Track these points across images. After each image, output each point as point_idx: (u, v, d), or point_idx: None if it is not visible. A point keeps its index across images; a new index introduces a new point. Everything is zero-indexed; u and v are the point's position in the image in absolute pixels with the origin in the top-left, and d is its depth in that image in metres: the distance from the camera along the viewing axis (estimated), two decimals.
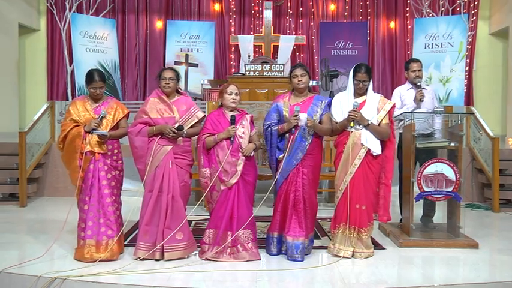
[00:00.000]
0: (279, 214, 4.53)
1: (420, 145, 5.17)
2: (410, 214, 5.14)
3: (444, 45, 9.95)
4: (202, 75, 10.30)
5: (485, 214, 6.89)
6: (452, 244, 5.01)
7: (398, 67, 11.03)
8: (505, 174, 7.42)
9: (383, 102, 4.64)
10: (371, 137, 4.52)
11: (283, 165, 4.46)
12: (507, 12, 10.28)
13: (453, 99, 9.67)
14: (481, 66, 10.96)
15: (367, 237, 4.59)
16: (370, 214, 4.60)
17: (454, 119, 5.63)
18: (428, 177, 5.02)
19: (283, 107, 4.56)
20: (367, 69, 4.63)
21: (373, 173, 4.54)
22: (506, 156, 7.57)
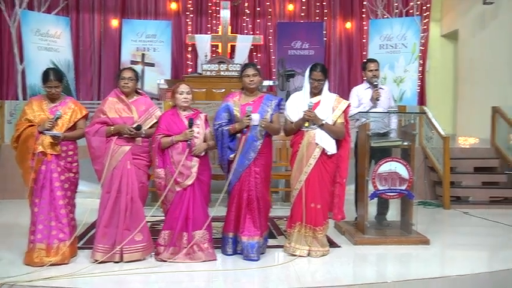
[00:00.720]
0: (233, 214, 4.53)
1: (375, 144, 5.25)
2: (365, 212, 5.23)
3: (398, 46, 10.18)
4: (158, 75, 10.22)
5: (436, 211, 7.08)
6: (405, 241, 5.11)
7: (354, 67, 11.21)
8: (455, 172, 7.63)
9: (338, 102, 4.69)
10: (326, 136, 4.56)
11: (235, 165, 4.46)
12: (457, 15, 10.61)
13: (407, 99, 9.90)
14: (434, 67, 11.27)
15: (322, 235, 4.63)
16: (326, 213, 4.65)
17: (407, 119, 5.75)
18: (383, 176, 5.10)
19: (233, 107, 4.55)
20: (323, 68, 4.67)
21: (328, 172, 4.59)
22: (456, 154, 7.79)
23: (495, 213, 6.75)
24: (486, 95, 9.13)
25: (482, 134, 8.67)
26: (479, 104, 9.16)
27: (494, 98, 8.66)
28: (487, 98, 8.92)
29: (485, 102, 8.63)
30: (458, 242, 5.54)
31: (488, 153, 8.10)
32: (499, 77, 8.81)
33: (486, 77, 9.29)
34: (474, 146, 8.83)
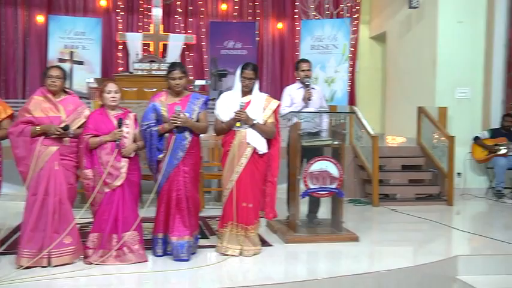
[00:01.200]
0: (162, 214, 4.48)
1: (306, 143, 5.32)
2: (296, 211, 5.29)
3: (329, 47, 10.42)
4: (88, 73, 9.97)
5: (366, 209, 7.28)
6: (335, 238, 5.22)
7: (287, 67, 11.34)
8: (383, 170, 7.87)
9: (268, 102, 4.73)
10: (257, 136, 4.59)
11: (164, 165, 4.41)
12: (385, 18, 10.91)
13: (337, 99, 10.14)
14: (363, 68, 11.55)
15: (254, 234, 4.66)
16: (257, 212, 4.68)
17: (337, 118, 5.87)
18: (314, 175, 5.18)
19: (160, 107, 4.50)
20: (254, 67, 4.70)
21: (259, 172, 4.62)
22: (385, 153, 8.04)
23: (420, 210, 7.01)
24: (412, 95, 9.44)
25: (409, 134, 8.97)
26: (406, 104, 9.45)
27: (420, 99, 8.96)
28: (414, 98, 9.21)
29: (412, 103, 8.93)
30: (386, 238, 5.73)
31: (414, 151, 8.40)
32: (425, 78, 9.13)
33: (412, 78, 9.59)
34: (402, 145, 9.14)
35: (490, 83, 8.74)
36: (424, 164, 8.21)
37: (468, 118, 8.73)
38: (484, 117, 8.81)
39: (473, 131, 8.54)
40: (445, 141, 7.76)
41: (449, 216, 7.03)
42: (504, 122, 8.38)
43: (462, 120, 8.63)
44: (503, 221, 6.95)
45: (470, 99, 8.81)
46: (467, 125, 8.62)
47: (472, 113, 8.80)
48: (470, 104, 8.81)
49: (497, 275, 4.74)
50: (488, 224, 6.86)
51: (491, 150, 8.19)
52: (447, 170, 7.67)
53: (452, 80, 8.73)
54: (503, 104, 8.77)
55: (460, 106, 8.71)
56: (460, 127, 8.45)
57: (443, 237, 5.81)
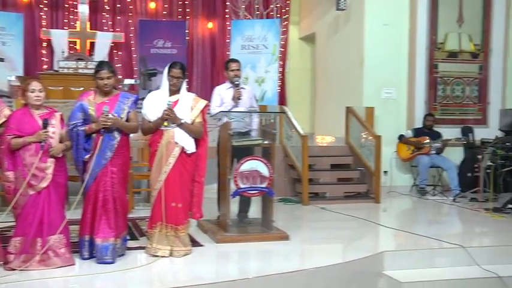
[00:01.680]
0: (88, 216, 4.37)
1: (236, 143, 5.33)
2: (227, 210, 5.30)
3: (259, 47, 10.48)
4: (9, 71, 9.52)
5: (296, 207, 7.38)
6: (266, 237, 5.26)
7: (217, 67, 11.31)
8: (313, 169, 8.01)
9: (196, 101, 4.73)
10: (185, 135, 4.58)
11: (92, 165, 4.32)
12: (314, 19, 11.10)
13: (267, 99, 10.22)
14: (293, 69, 11.70)
15: (184, 234, 4.63)
16: (187, 212, 4.66)
17: (267, 118, 5.93)
18: (244, 174, 5.20)
19: (88, 106, 4.40)
20: (182, 66, 4.69)
21: (188, 171, 4.61)
22: (314, 152, 8.17)
23: (349, 207, 7.19)
24: (341, 95, 9.63)
25: (338, 133, 9.17)
26: (335, 105, 9.64)
27: (348, 99, 9.17)
28: (342, 98, 9.40)
29: (340, 103, 9.13)
30: (316, 236, 5.84)
31: (343, 151, 8.60)
32: (352, 79, 9.35)
33: (340, 79, 9.80)
34: (331, 144, 9.33)
35: (413, 84, 9.07)
36: (352, 163, 8.42)
37: (394, 118, 9.02)
38: (409, 117, 9.13)
39: (399, 130, 8.84)
40: (372, 141, 7.99)
41: (377, 213, 7.25)
42: (426, 121, 8.75)
43: (388, 120, 8.91)
44: (426, 217, 7.25)
45: (396, 100, 9.11)
46: (393, 125, 8.91)
47: (397, 112, 9.09)
48: (396, 104, 9.11)
49: (421, 269, 4.93)
50: (412, 220, 7.14)
51: (416, 146, 8.51)
52: (374, 169, 7.90)
53: (378, 81, 8.99)
54: (425, 104, 9.13)
55: (386, 106, 8.99)
56: (386, 127, 8.71)
57: (371, 234, 5.99)
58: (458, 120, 9.29)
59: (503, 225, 6.31)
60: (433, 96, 9.20)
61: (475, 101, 9.37)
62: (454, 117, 9.31)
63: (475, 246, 5.30)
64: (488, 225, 6.49)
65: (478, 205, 7.36)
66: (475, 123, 9.28)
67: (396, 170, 8.98)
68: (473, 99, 9.36)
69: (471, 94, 9.34)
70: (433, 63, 9.16)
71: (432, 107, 9.17)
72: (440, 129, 8.82)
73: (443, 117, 9.22)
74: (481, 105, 9.39)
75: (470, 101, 9.35)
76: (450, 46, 9.23)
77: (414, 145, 8.56)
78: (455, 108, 9.31)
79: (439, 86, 9.22)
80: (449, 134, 8.71)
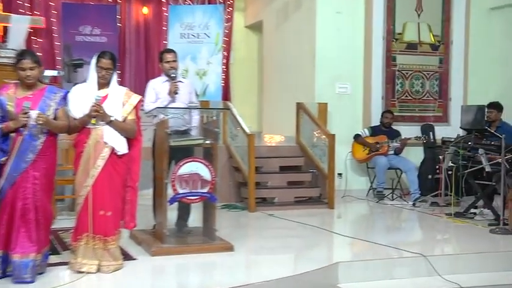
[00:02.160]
0: (3, 228, 4.19)
1: (174, 143, 5.29)
2: (163, 219, 5.24)
3: (201, 35, 10.40)
4: None
5: (241, 214, 7.38)
6: (208, 248, 5.23)
7: (153, 58, 11.13)
8: (260, 172, 8.02)
9: (128, 96, 4.65)
10: (115, 134, 4.49)
11: (8, 169, 4.17)
12: (261, 5, 11.13)
13: (210, 94, 10.16)
14: (238, 60, 11.69)
15: (114, 247, 4.54)
16: (118, 221, 4.57)
17: (209, 115, 5.91)
18: (183, 178, 5.16)
19: (7, 102, 4.25)
20: (112, 56, 4.61)
21: (119, 175, 4.53)
22: (262, 153, 8.19)
23: (300, 214, 7.25)
24: (291, 90, 9.70)
25: (288, 132, 9.23)
26: (285, 100, 9.71)
27: (299, 94, 9.24)
28: (292, 93, 9.48)
29: (291, 98, 9.20)
30: (263, 246, 5.85)
31: (293, 151, 8.66)
32: (304, 71, 9.42)
33: (291, 72, 9.86)
34: (280, 144, 9.39)
35: (369, 78, 9.24)
36: (303, 165, 8.48)
37: (349, 115, 9.16)
38: (365, 114, 9.28)
39: (354, 129, 8.98)
40: (325, 140, 8.07)
41: (331, 220, 7.35)
42: (384, 118, 8.91)
43: (343, 117, 9.04)
44: (384, 223, 7.39)
45: (351, 95, 9.24)
46: (348, 122, 9.05)
47: (352, 109, 9.23)
48: (351, 100, 9.24)
49: (378, 281, 5.01)
50: (369, 227, 7.26)
51: (372, 149, 8.65)
52: (327, 171, 7.98)
53: (332, 74, 9.10)
54: (383, 100, 9.32)
55: (340, 102, 9.10)
56: (340, 124, 8.84)
57: (324, 242, 6.05)
58: (417, 118, 9.53)
59: (466, 231, 6.49)
60: (391, 91, 9.40)
61: (436, 97, 9.64)
62: (414, 114, 9.54)
63: (436, 255, 5.43)
64: (450, 231, 6.66)
65: (439, 210, 7.55)
66: (435, 121, 9.54)
67: (351, 172, 9.12)
68: (434, 94, 9.63)
69: (431, 89, 9.60)
70: (390, 55, 9.36)
71: (390, 103, 9.36)
72: (399, 128, 9.02)
73: (402, 114, 9.44)
74: (442, 102, 9.67)
75: (430, 96, 9.61)
76: (409, 37, 9.46)
77: (371, 145, 8.71)
78: (414, 105, 9.55)
79: (397, 80, 9.43)
80: (408, 132, 8.88)
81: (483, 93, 9.36)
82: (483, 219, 6.99)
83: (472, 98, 9.54)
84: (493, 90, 9.53)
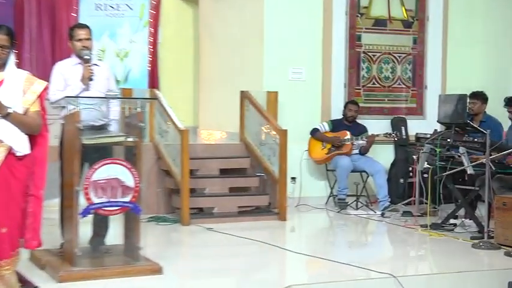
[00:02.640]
0: None
1: (87, 141, 5.22)
2: (74, 235, 5.15)
3: (121, 7, 10.33)
4: None
5: (173, 228, 7.35)
6: (131, 271, 5.17)
7: (60, 34, 10.92)
8: (196, 176, 8.00)
9: (30, 82, 4.55)
10: (13, 130, 4.38)
11: None
12: None
13: (134, 80, 10.13)
14: (169, 38, 11.52)
15: (10, 272, 4.41)
16: (15, 240, 4.45)
17: (133, 107, 5.82)
18: (99, 185, 5.11)
19: None
20: (8, 31, 4.49)
21: (19, 181, 4.42)
22: (198, 153, 8.18)
23: (246, 227, 7.30)
24: (234, 76, 9.72)
25: (230, 127, 9.24)
26: (226, 88, 9.74)
27: (245, 81, 9.26)
28: (236, 80, 9.51)
29: (233, 86, 9.24)
30: (199, 268, 5.79)
31: (237, 150, 8.69)
32: (250, 53, 9.44)
33: (234, 53, 9.85)
34: (220, 142, 9.45)
35: (329, 61, 9.33)
36: (249, 167, 8.51)
37: (304, 106, 9.22)
38: (324, 105, 9.36)
39: (311, 123, 9.03)
40: (276, 137, 8.09)
41: (283, 234, 7.40)
42: (347, 111, 8.98)
43: (297, 109, 9.10)
44: (347, 237, 7.48)
45: (307, 82, 9.30)
46: (303, 115, 9.12)
47: (309, 99, 9.28)
48: (307, 88, 9.29)
49: None
50: (329, 242, 7.34)
51: (332, 147, 8.72)
52: (278, 174, 8.01)
53: (283, 56, 9.14)
54: (346, 88, 9.43)
55: (294, 91, 9.16)
56: (294, 118, 8.90)
57: (275, 262, 6.09)
58: (387, 110, 9.70)
59: (444, 246, 6.61)
60: (356, 77, 9.52)
61: (409, 84, 9.80)
62: (383, 105, 9.71)
63: (409, 275, 5.54)
64: (426, 246, 6.79)
65: (413, 220, 7.68)
66: (408, 114, 9.73)
67: (308, 176, 9.20)
68: (407, 81, 9.79)
69: (403, 75, 9.76)
70: (354, 34, 9.48)
71: (354, 91, 9.47)
72: (365, 122, 9.15)
73: (369, 105, 9.59)
74: (416, 90, 9.86)
75: (402, 84, 9.78)
76: (377, 12, 9.60)
77: (331, 142, 8.78)
78: (383, 94, 9.71)
79: (363, 64, 9.56)
80: (376, 127, 9.02)
81: (465, 80, 9.60)
82: (465, 231, 7.14)
83: (451, 86, 9.76)
84: (477, 77, 9.79)
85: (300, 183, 8.98)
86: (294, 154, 8.56)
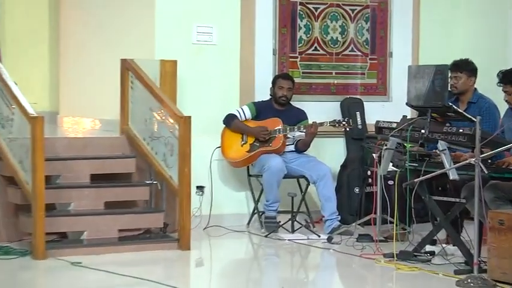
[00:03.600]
0: None
1: None
2: None
3: None
4: None
5: (20, 264, 7.19)
6: None
7: None
8: (56, 185, 7.92)
9: None
10: None
11: None
12: None
13: None
14: None
15: None
16: None
17: None
18: None
19: None
20: None
21: None
22: (59, 151, 8.11)
23: (130, 260, 7.31)
24: (112, 40, 9.70)
25: (107, 113, 9.16)
26: (100, 57, 9.76)
27: (128, 46, 9.28)
28: (115, 46, 9.51)
29: (111, 54, 9.25)
30: None
31: (116, 147, 8.62)
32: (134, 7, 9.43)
33: (111, 7, 9.83)
34: (92, 135, 9.43)
35: (251, 16, 9.34)
36: (134, 172, 8.47)
37: (216, 82, 9.24)
38: (244, 81, 9.38)
39: (225, 107, 9.06)
40: (174, 127, 8.00)
41: (185, 270, 7.40)
42: (277, 89, 8.91)
43: (205, 87, 9.13)
44: (279, 274, 7.46)
45: (219, 47, 9.32)
46: (214, 96, 9.16)
47: (222, 72, 9.29)
48: (219, 56, 9.31)
49: None
50: (253, 282, 7.29)
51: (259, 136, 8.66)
52: (178, 182, 7.94)
53: (184, 9, 9.15)
54: (274, 56, 9.47)
55: (200, 60, 9.20)
56: (201, 100, 8.97)
57: None
58: (336, 88, 9.76)
59: (418, 285, 6.66)
60: (290, 40, 9.54)
61: (366, 51, 9.85)
62: (329, 80, 9.76)
63: None
64: (392, 286, 6.80)
65: (373, 248, 7.71)
66: (366, 93, 9.83)
67: (221, 184, 9.23)
68: (363, 46, 9.85)
69: (359, 37, 9.83)
70: None
71: (288, 61, 9.48)
72: (304, 105, 9.19)
73: (309, 81, 9.65)
74: (376, 59, 9.91)
75: (357, 50, 9.84)
76: None
77: (255, 135, 8.73)
78: (330, 65, 9.78)
79: (300, 21, 9.58)
80: (320, 113, 9.09)
81: (445, 46, 9.75)
82: (446, 262, 7.19)
83: (426, 53, 9.92)
84: (462, 41, 9.95)
85: (210, 194, 8.95)
86: (201, 152, 8.58)
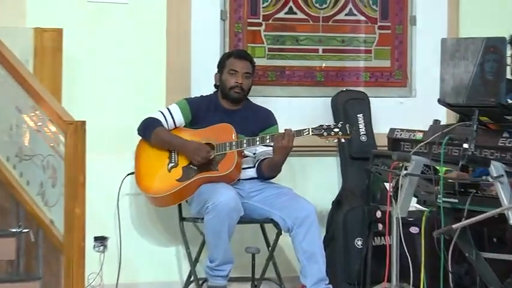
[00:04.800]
0: None
1: None
2: None
3: None
4: None
5: None
6: None
7: None
8: None
9: None
10: None
11: None
12: None
13: None
14: None
15: None
16: None
17: None
18: None
19: None
20: None
21: None
22: None
23: None
24: None
25: None
26: None
27: None
28: None
29: None
30: None
31: None
32: None
33: None
34: None
35: None
36: None
37: (129, 66, 9.34)
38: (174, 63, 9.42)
39: (145, 107, 9.11)
40: (57, 137, 7.91)
41: None
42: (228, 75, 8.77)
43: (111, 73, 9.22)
44: None
45: (130, 7, 9.37)
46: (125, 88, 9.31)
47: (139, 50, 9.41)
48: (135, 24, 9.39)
49: None
50: None
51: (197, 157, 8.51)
52: (63, 231, 7.80)
53: None
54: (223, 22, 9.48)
55: (102, 31, 9.31)
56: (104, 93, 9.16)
57: None
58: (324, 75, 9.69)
59: None
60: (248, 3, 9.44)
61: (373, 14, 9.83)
62: (312, 63, 9.70)
63: None
64: None
65: None
66: (372, 84, 9.79)
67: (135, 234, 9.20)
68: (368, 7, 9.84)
69: None
70: None
71: (246, 29, 9.43)
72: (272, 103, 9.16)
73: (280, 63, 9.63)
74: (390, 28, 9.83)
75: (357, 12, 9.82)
76: None
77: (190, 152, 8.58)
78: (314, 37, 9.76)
79: None
80: (298, 116, 9.12)
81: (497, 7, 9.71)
82: None
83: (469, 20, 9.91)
84: None
85: (117, 251, 8.83)
86: (102, 182, 8.48)
